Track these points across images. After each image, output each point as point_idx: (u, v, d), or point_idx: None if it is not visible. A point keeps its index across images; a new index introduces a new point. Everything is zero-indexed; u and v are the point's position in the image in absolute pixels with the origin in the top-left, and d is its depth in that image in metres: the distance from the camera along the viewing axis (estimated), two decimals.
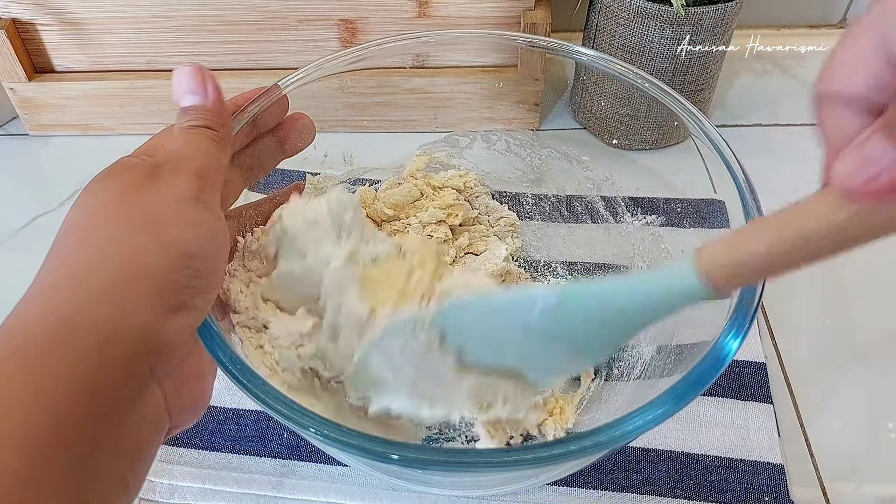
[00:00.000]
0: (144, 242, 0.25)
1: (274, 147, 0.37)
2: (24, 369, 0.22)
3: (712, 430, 0.42)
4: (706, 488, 0.40)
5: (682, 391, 0.27)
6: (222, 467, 0.41)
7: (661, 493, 0.40)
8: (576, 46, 0.42)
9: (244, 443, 0.42)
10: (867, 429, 0.43)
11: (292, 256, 0.33)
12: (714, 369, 0.28)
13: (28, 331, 0.23)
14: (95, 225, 0.26)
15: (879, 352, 0.47)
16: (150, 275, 0.25)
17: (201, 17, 0.58)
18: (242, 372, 0.28)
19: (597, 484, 0.40)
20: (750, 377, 0.44)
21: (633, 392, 0.41)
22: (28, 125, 0.63)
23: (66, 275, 0.25)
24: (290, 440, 0.42)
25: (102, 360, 0.23)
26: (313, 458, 0.42)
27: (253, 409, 0.43)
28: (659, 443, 0.42)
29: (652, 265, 0.45)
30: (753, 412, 0.43)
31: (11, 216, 0.56)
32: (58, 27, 0.58)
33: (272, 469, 0.41)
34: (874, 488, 0.41)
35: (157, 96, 0.61)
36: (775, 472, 0.40)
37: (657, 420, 0.26)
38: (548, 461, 0.26)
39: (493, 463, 0.26)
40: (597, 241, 0.49)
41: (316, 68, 0.41)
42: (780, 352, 0.47)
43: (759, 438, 0.42)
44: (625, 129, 0.55)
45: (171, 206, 0.26)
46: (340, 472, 0.41)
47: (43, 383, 0.22)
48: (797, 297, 0.50)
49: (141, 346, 0.24)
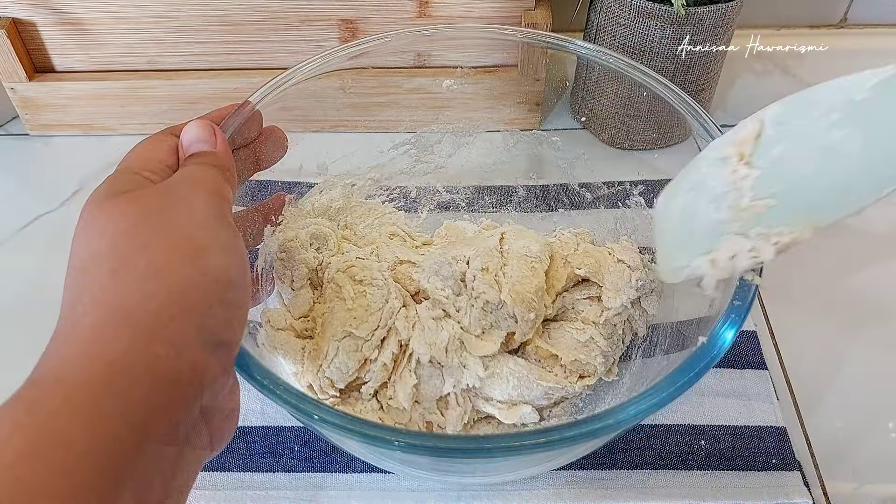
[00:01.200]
0: (187, 273, 0.24)
1: (250, 161, 0.37)
2: (79, 419, 0.21)
3: (715, 401, 0.44)
4: (716, 457, 0.42)
5: (684, 378, 0.29)
6: (236, 487, 0.41)
7: (674, 466, 0.41)
8: (578, 41, 0.43)
9: (255, 460, 0.42)
10: (868, 429, 0.44)
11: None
12: (712, 358, 0.30)
13: (77, 377, 0.22)
14: (129, 253, 0.25)
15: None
16: (193, 309, 0.24)
17: (203, 16, 0.58)
18: (301, 400, 0.29)
19: (611, 464, 0.41)
20: (743, 345, 0.46)
21: (638, 371, 0.42)
22: (29, 125, 0.63)
23: (109, 312, 0.23)
24: (301, 452, 0.42)
25: (157, 405, 0.22)
26: (328, 469, 0.41)
27: (260, 425, 0.43)
28: (666, 418, 0.43)
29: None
30: (751, 379, 0.45)
31: (12, 216, 0.56)
32: (59, 27, 0.58)
33: (287, 483, 0.41)
34: (874, 488, 0.41)
35: (159, 96, 0.61)
36: (778, 435, 0.42)
37: (662, 403, 0.28)
38: (557, 444, 0.27)
39: (504, 448, 0.27)
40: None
41: (321, 62, 0.41)
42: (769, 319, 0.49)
43: (759, 404, 0.44)
44: (626, 128, 0.55)
45: (204, 230, 0.26)
46: (357, 480, 0.41)
47: (99, 434, 0.21)
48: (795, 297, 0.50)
49: (192, 389, 0.23)
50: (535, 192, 0.52)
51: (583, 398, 0.42)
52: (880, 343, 0.48)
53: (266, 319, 0.40)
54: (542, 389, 0.39)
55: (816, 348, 0.48)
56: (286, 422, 0.43)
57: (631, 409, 0.28)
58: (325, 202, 0.48)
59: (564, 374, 0.41)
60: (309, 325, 0.41)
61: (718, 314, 0.31)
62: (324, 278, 0.42)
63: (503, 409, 0.39)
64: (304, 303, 0.42)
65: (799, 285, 0.51)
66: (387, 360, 0.39)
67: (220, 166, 0.30)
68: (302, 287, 0.43)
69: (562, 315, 0.44)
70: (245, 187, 0.43)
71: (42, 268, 0.53)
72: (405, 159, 0.51)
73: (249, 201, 0.44)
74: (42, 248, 0.54)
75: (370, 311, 0.40)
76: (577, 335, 0.41)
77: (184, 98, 0.61)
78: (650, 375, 0.39)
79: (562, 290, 0.43)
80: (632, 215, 0.46)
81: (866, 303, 0.50)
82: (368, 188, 0.51)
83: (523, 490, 0.40)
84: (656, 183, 0.45)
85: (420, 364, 0.39)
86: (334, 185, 0.49)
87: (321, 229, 0.44)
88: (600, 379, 0.42)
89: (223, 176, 0.30)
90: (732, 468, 0.41)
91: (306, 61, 0.42)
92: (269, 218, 0.41)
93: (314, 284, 0.43)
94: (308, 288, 0.43)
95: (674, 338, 0.39)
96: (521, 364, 0.40)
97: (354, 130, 0.55)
